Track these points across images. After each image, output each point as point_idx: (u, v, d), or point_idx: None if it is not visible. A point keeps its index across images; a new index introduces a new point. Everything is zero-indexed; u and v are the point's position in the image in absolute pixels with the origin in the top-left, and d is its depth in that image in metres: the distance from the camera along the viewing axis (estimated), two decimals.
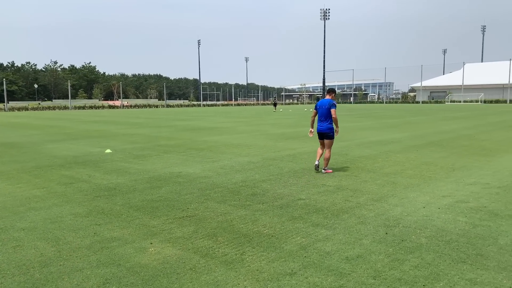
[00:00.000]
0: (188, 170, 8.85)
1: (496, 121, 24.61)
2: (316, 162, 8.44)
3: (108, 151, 12.22)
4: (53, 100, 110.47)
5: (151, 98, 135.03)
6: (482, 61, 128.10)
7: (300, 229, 4.86)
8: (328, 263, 3.85)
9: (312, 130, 8.93)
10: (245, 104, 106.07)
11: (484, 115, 31.66)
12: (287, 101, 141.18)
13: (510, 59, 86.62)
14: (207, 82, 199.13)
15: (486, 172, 8.26)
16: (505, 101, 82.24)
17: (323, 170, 8.39)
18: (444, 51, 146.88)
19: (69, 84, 75.94)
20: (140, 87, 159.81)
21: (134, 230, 4.90)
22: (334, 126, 8.44)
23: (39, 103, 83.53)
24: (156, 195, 6.66)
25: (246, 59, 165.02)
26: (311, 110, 52.26)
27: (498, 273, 3.62)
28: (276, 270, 3.72)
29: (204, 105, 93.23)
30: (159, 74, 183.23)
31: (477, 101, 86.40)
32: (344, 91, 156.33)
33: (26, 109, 67.76)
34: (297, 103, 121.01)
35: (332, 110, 8.30)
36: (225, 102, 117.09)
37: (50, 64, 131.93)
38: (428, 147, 12.33)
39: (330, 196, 6.41)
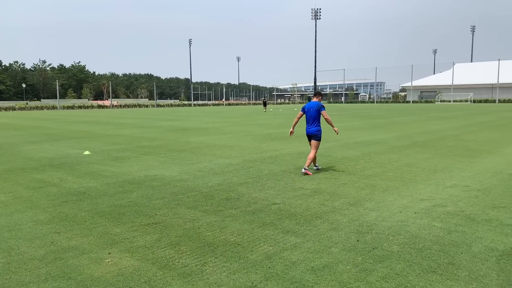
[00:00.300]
0: (164, 173, 8.60)
1: (483, 121, 24.70)
2: (314, 168, 8.75)
3: (86, 152, 11.91)
4: (41, 100, 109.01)
5: (141, 97, 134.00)
6: (471, 61, 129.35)
7: (269, 236, 4.65)
8: (292, 274, 3.65)
9: (293, 131, 9.09)
10: (236, 104, 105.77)
11: (472, 115, 31.81)
12: (279, 100, 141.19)
13: (499, 59, 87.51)
14: (198, 81, 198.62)
15: (467, 174, 8.13)
16: (494, 101, 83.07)
17: (303, 169, 8.28)
18: (435, 51, 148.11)
19: (57, 83, 74.96)
20: (131, 86, 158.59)
21: (94, 239, 4.65)
22: (331, 126, 8.59)
23: (27, 103, 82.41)
24: (126, 200, 6.40)
25: (238, 59, 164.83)
26: (295, 110, 52.15)
27: (468, 283, 3.45)
28: (236, 283, 3.51)
29: (194, 105, 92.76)
30: (150, 74, 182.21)
31: (466, 101, 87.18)
32: (335, 91, 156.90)
33: (13, 109, 66.75)
34: (288, 103, 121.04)
35: (323, 112, 8.36)
36: (216, 102, 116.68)
37: (39, 64, 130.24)
38: (413, 147, 12.22)
39: (306, 200, 6.22)
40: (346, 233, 4.73)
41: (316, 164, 8.83)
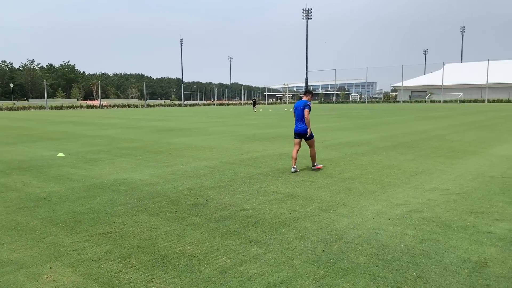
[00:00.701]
0: (135, 176, 8.23)
1: (471, 121, 24.64)
2: (292, 170, 8.45)
3: (60, 154, 11.48)
4: (29, 100, 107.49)
5: (132, 97, 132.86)
6: (461, 61, 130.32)
7: (229, 247, 4.33)
8: None
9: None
10: (228, 104, 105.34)
11: (461, 115, 31.81)
12: (270, 100, 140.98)
13: (488, 60, 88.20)
14: (190, 81, 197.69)
15: (448, 176, 7.89)
16: (483, 101, 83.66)
17: (312, 167, 8.67)
18: (425, 52, 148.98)
19: (45, 83, 73.83)
20: (121, 86, 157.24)
21: (39, 251, 4.28)
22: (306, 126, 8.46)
23: (14, 103, 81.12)
24: (86, 206, 6.03)
25: (230, 59, 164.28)
26: (290, 110, 51.94)
27: None
28: None
29: (185, 105, 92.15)
30: (141, 74, 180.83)
31: (456, 101, 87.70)
32: (327, 91, 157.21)
33: (0, 109, 65.62)
34: (280, 103, 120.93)
35: (305, 111, 8.34)
36: (207, 102, 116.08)
37: (27, 63, 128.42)
38: (397, 148, 11.98)
39: (277, 206, 5.90)
40: (313, 243, 4.42)
41: (294, 166, 8.54)
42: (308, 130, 8.44)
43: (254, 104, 52.00)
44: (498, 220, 5.11)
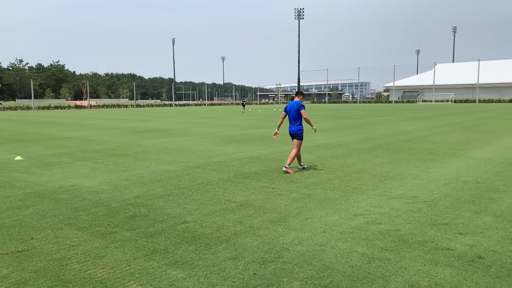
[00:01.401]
0: (84, 182, 7.62)
1: (458, 121, 24.28)
2: (300, 167, 8.67)
3: (18, 158, 10.83)
4: (16, 99, 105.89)
5: (123, 97, 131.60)
6: (453, 61, 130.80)
7: (148, 270, 3.76)
8: None
9: (277, 132, 8.93)
10: (219, 104, 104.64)
11: (448, 115, 31.49)
12: (263, 100, 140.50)
13: (479, 60, 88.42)
14: (183, 81, 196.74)
15: (420, 181, 7.38)
16: (474, 101, 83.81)
17: (284, 168, 8.33)
18: (417, 52, 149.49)
19: (31, 83, 72.68)
20: (113, 86, 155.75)
21: None
22: (310, 125, 8.47)
23: (0, 103, 79.81)
24: (13, 218, 5.43)
25: (223, 59, 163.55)
26: (280, 110, 51.41)
27: None
28: None
29: (176, 105, 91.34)
30: (133, 73, 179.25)
31: (447, 101, 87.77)
32: (320, 91, 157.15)
33: None
34: (272, 103, 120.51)
35: (302, 111, 8.36)
36: (199, 102, 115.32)
37: (15, 63, 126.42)
38: (374, 151, 11.48)
39: (224, 217, 5.34)
40: (246, 263, 3.86)
41: (302, 163, 8.70)
42: (314, 127, 8.53)
43: (243, 104, 51.41)
44: (462, 234, 4.59)
